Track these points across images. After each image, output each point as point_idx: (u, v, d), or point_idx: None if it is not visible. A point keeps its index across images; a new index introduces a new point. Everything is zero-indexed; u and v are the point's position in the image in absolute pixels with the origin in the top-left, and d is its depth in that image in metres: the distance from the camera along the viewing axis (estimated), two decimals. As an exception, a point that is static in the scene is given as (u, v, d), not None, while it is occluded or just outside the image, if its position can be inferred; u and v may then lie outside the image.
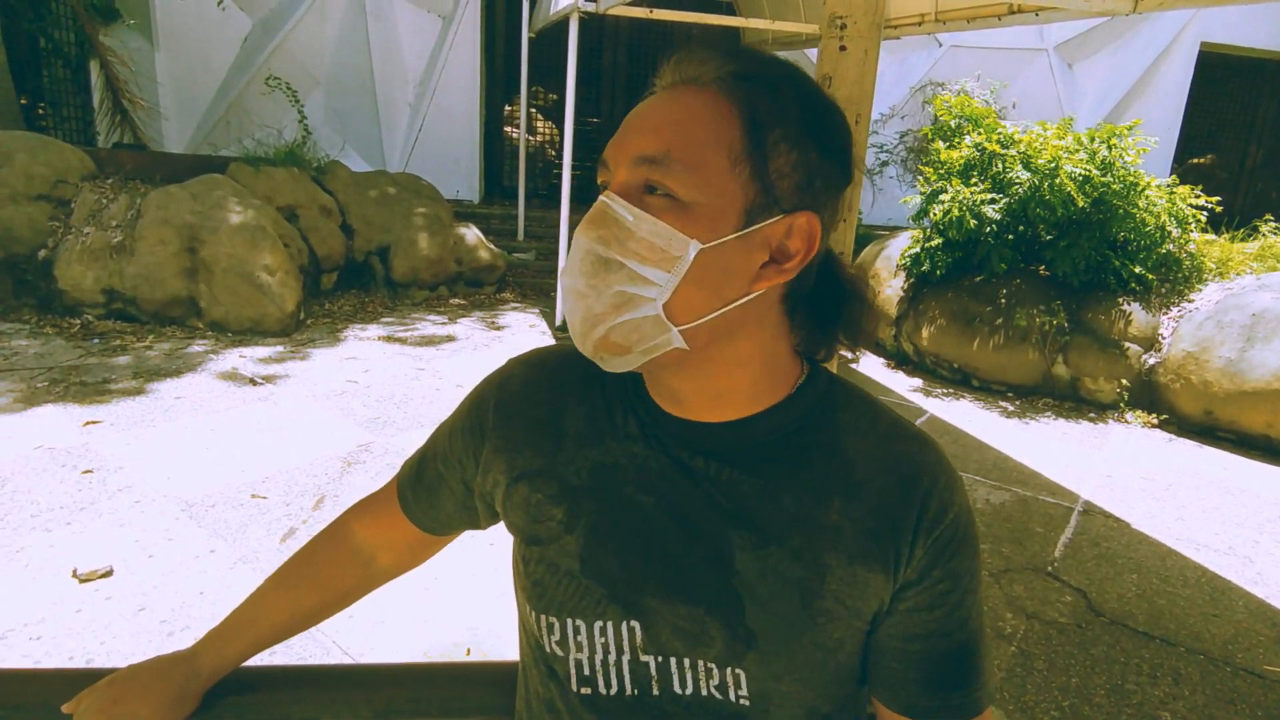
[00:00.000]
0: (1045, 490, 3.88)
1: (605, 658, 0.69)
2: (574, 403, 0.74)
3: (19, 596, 2.46)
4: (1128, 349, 5.10)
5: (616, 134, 0.65)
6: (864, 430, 0.70)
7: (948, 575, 0.67)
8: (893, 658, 0.69)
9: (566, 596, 0.69)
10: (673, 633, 0.67)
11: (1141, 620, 2.78)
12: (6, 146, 5.62)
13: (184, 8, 8.38)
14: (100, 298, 5.45)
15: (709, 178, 0.60)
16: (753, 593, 0.65)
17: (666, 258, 0.60)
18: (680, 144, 0.60)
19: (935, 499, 0.67)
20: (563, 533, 0.70)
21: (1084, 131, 5.50)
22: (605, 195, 0.62)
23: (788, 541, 0.66)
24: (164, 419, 3.95)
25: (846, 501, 0.66)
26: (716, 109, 0.61)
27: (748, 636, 0.65)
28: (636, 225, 0.60)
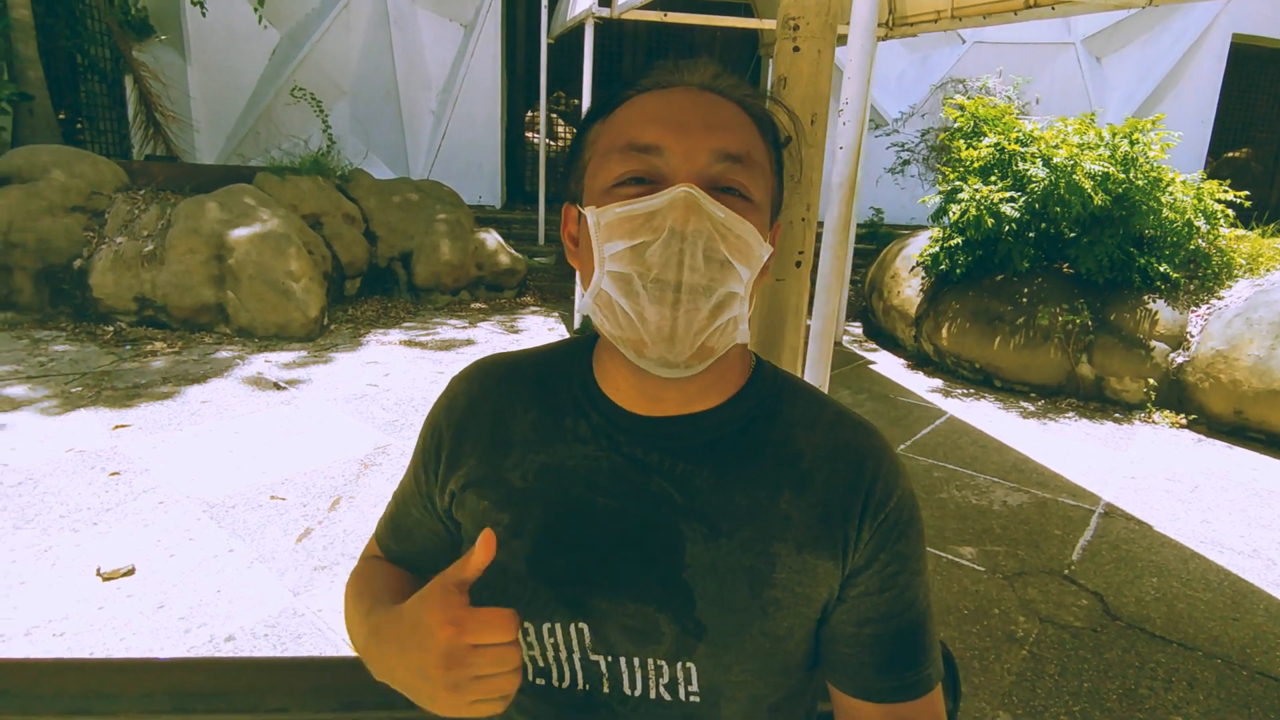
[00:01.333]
0: (1065, 492, 3.81)
1: (556, 655, 0.70)
2: (520, 410, 0.74)
3: (45, 594, 2.55)
4: (1154, 348, 4.99)
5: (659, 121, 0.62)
6: (811, 421, 0.72)
7: (895, 558, 0.69)
8: (846, 643, 0.70)
9: (513, 599, 0.70)
10: (621, 632, 0.67)
11: (1159, 624, 2.72)
12: (44, 160, 5.82)
13: (215, 23, 8.60)
14: (132, 305, 5.61)
15: (765, 183, 0.65)
16: (702, 585, 0.66)
17: (752, 256, 0.62)
18: (753, 147, 0.64)
19: (880, 483, 0.69)
20: (510, 537, 0.70)
21: (1105, 127, 5.39)
22: (690, 188, 0.59)
23: (739, 533, 0.67)
24: (190, 422, 4.06)
25: (796, 493, 0.68)
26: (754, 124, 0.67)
27: (697, 629, 0.66)
28: (730, 223, 0.60)
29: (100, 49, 8.55)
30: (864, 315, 7.22)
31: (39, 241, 5.55)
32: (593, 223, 0.62)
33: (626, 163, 0.62)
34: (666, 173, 0.61)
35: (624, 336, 0.62)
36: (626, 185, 0.62)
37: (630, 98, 0.67)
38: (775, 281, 0.93)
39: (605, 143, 0.65)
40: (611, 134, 0.65)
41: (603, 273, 0.62)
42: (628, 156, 0.62)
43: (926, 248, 6.04)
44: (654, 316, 0.60)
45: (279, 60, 9.34)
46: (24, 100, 6.90)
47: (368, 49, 9.57)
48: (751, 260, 0.62)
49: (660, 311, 0.59)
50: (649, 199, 0.60)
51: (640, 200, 0.60)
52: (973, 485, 3.83)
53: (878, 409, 4.96)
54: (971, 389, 5.49)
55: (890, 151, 9.50)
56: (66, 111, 8.62)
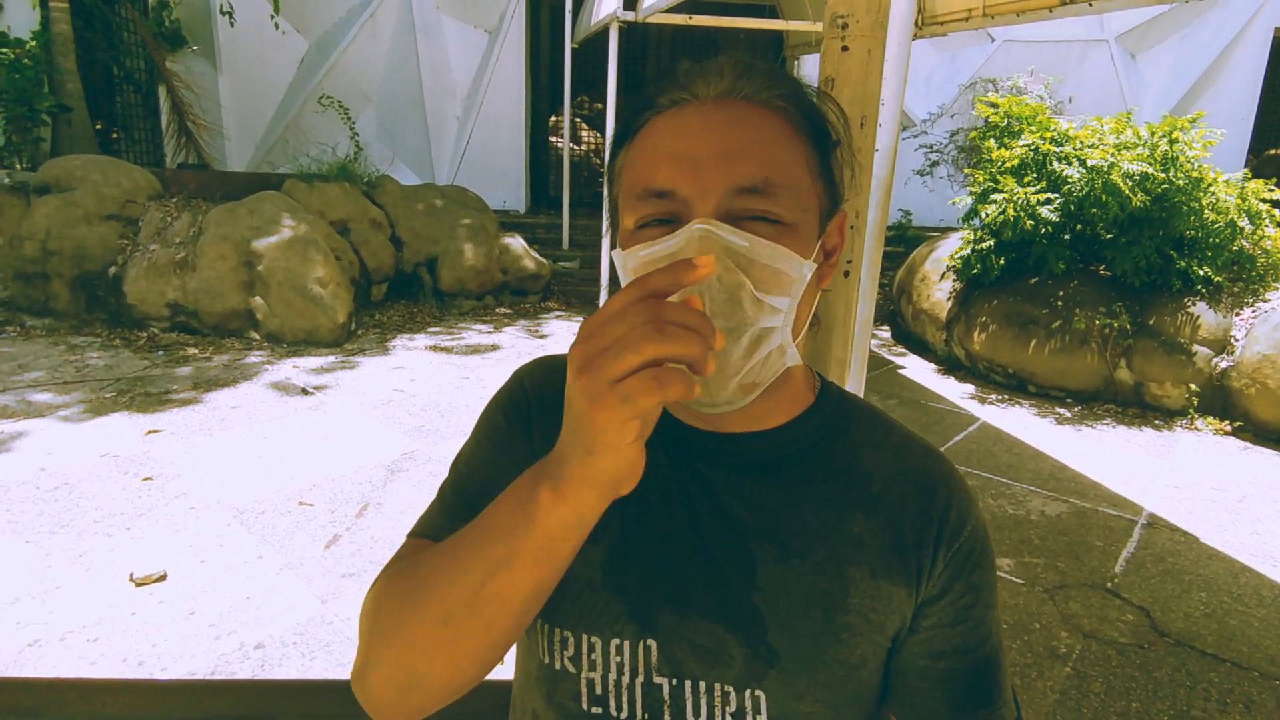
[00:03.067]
0: (1106, 502, 3.70)
1: (619, 679, 0.66)
2: None
3: (80, 599, 2.58)
4: (1196, 352, 4.84)
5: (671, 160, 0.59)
6: (878, 443, 0.70)
7: (970, 589, 0.66)
8: (918, 677, 0.67)
9: (585, 610, 0.66)
10: (690, 651, 0.65)
11: (1210, 641, 2.61)
12: (81, 170, 5.94)
13: (244, 33, 8.74)
14: (165, 311, 5.70)
15: (801, 196, 0.61)
16: (775, 608, 0.64)
17: (788, 282, 0.59)
18: (775, 168, 0.60)
19: (954, 512, 0.67)
20: (589, 544, 0.64)
21: (1144, 125, 5.25)
22: (705, 224, 0.56)
23: (811, 555, 0.65)
24: (220, 428, 4.09)
25: (868, 515, 0.66)
26: (785, 127, 0.62)
27: (769, 654, 0.64)
28: (754, 252, 0.57)
29: (135, 60, 8.73)
30: (892, 319, 7.11)
31: (75, 249, 5.65)
32: (619, 265, 0.62)
33: (645, 207, 0.61)
34: (683, 213, 0.59)
35: None
36: (650, 226, 0.61)
37: (649, 120, 0.63)
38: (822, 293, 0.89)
39: (628, 181, 0.63)
40: (631, 172, 0.63)
41: None
42: (645, 202, 0.61)
43: (958, 250, 5.93)
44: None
45: (307, 69, 9.46)
46: (63, 111, 7.05)
47: (393, 56, 9.66)
48: (787, 286, 0.59)
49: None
50: (667, 241, 0.58)
51: (658, 242, 0.58)
52: (1009, 494, 3.73)
53: (908, 415, 4.87)
54: (1005, 394, 5.37)
55: (918, 153, 9.37)
56: (103, 122, 8.81)
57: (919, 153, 9.38)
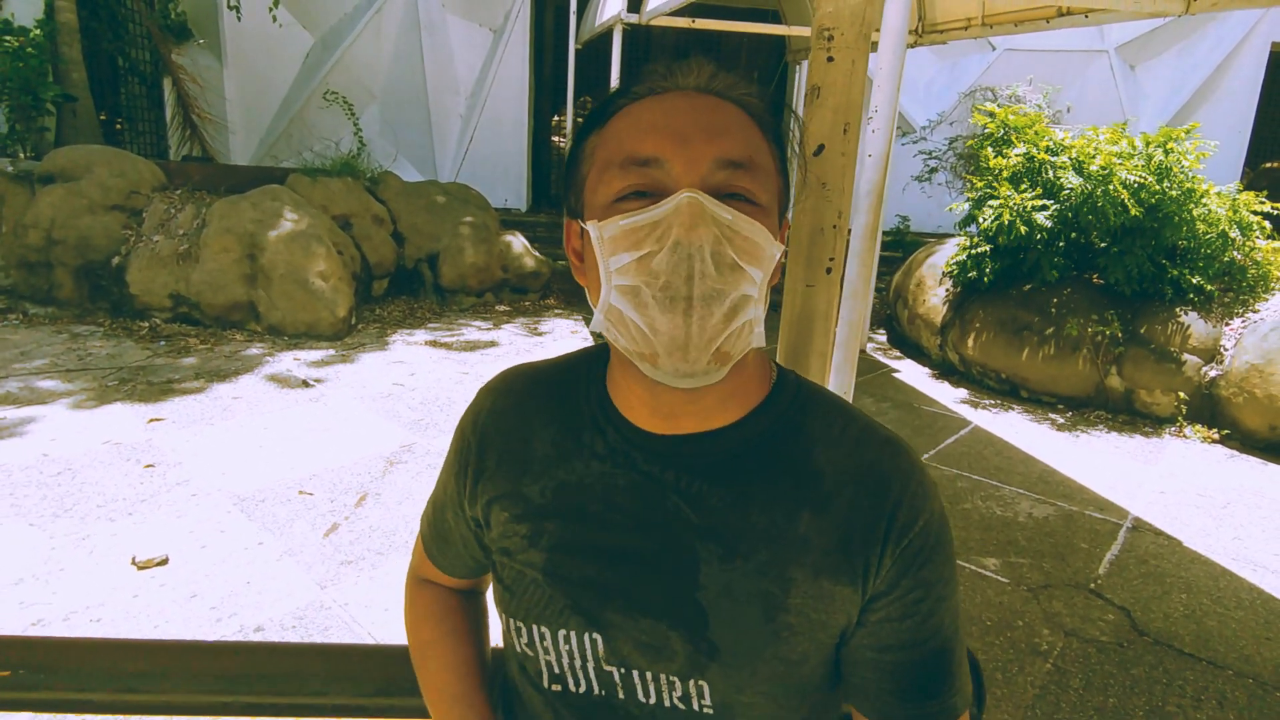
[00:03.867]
0: (1093, 505, 3.76)
1: (571, 662, 0.70)
2: (540, 426, 0.74)
3: (83, 581, 2.63)
4: (1186, 361, 4.91)
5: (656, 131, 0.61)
6: (834, 439, 0.69)
7: (919, 584, 0.66)
8: (867, 668, 0.68)
9: (533, 603, 0.71)
10: (635, 647, 0.68)
11: (1188, 641, 2.67)
12: (86, 160, 5.99)
13: (250, 27, 8.79)
14: (167, 302, 5.74)
15: (770, 184, 0.64)
16: (716, 606, 0.65)
17: (763, 257, 0.61)
18: (754, 151, 0.63)
19: (905, 507, 0.66)
20: (527, 546, 0.71)
21: (1139, 136, 5.32)
22: (693, 192, 0.58)
23: (755, 555, 0.65)
24: (221, 418, 4.14)
25: (815, 515, 0.66)
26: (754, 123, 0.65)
27: (710, 650, 0.66)
28: (737, 225, 0.59)
29: (140, 52, 8.77)
30: (888, 323, 7.18)
31: (79, 239, 5.70)
32: (596, 237, 0.61)
33: (627, 177, 0.60)
34: (668, 184, 0.59)
35: (637, 350, 0.61)
36: (628, 199, 0.60)
37: (624, 107, 0.65)
38: (806, 288, 0.94)
39: (603, 156, 0.63)
40: (609, 147, 0.63)
41: (610, 287, 0.61)
42: (628, 171, 0.60)
43: (954, 255, 6.00)
44: (666, 327, 0.58)
45: (312, 64, 9.52)
46: (68, 101, 7.09)
47: (398, 54, 9.72)
48: (763, 261, 0.61)
49: (672, 320, 0.58)
50: (652, 209, 0.58)
51: (643, 211, 0.59)
52: (997, 496, 3.79)
53: (902, 418, 4.93)
54: (997, 399, 5.44)
55: (917, 159, 9.44)
56: (107, 112, 8.85)
57: (918, 159, 9.45)
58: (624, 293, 0.60)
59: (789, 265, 0.96)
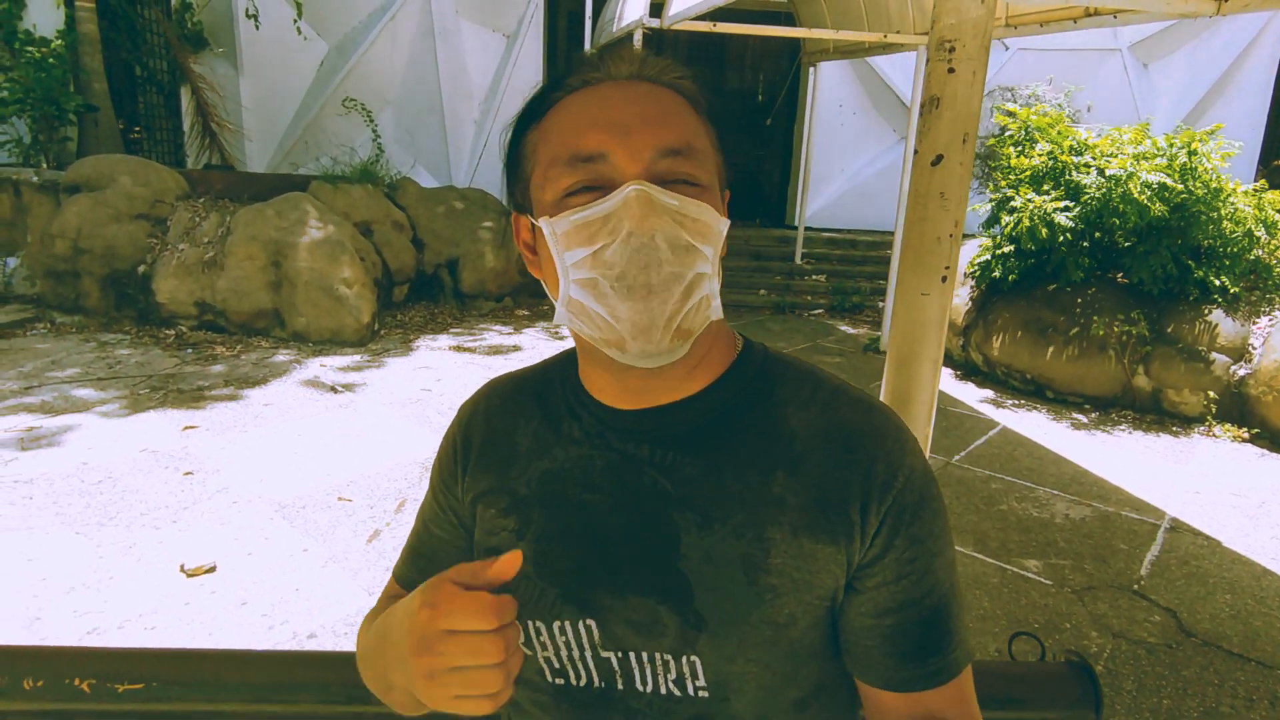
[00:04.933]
0: (1128, 506, 3.76)
1: (570, 654, 0.71)
2: (523, 422, 0.77)
3: (133, 589, 2.65)
4: (1214, 360, 4.89)
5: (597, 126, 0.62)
6: (805, 400, 0.69)
7: (911, 542, 0.65)
8: (866, 635, 0.67)
9: (525, 600, 0.70)
10: (627, 627, 0.68)
11: (1236, 642, 2.67)
12: (111, 170, 6.03)
13: (267, 35, 8.84)
14: (193, 310, 5.78)
15: (709, 164, 0.65)
16: (699, 575, 0.66)
17: (713, 233, 0.63)
18: (691, 135, 0.64)
19: (881, 464, 0.65)
20: (515, 541, 0.72)
21: (1162, 137, 5.31)
22: (640, 184, 0.59)
23: (731, 519, 0.66)
24: (254, 424, 4.17)
25: (790, 475, 0.66)
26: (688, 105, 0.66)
27: (698, 621, 0.66)
28: (684, 208, 0.61)
29: (158, 61, 8.83)
30: (908, 324, 7.17)
31: (106, 248, 5.74)
32: (549, 234, 0.62)
33: (574, 173, 0.62)
34: (614, 177, 0.61)
35: (602, 338, 0.63)
36: (577, 194, 0.62)
37: (559, 100, 0.66)
38: (920, 296, 0.95)
39: (546, 153, 0.64)
40: (551, 144, 0.64)
41: (569, 281, 0.62)
42: (574, 167, 0.62)
43: (976, 256, 5.99)
44: (627, 313, 0.60)
45: (327, 71, 9.56)
46: (89, 111, 7.15)
47: (413, 60, 9.75)
48: (712, 237, 0.62)
49: (633, 306, 0.60)
50: (601, 203, 0.60)
51: (592, 206, 0.60)
52: (1032, 497, 3.79)
53: (928, 419, 4.93)
54: (1023, 400, 5.43)
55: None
56: (125, 121, 8.90)
57: (933, 160, 9.44)
58: (583, 285, 0.61)
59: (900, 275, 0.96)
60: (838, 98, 10.01)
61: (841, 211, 10.29)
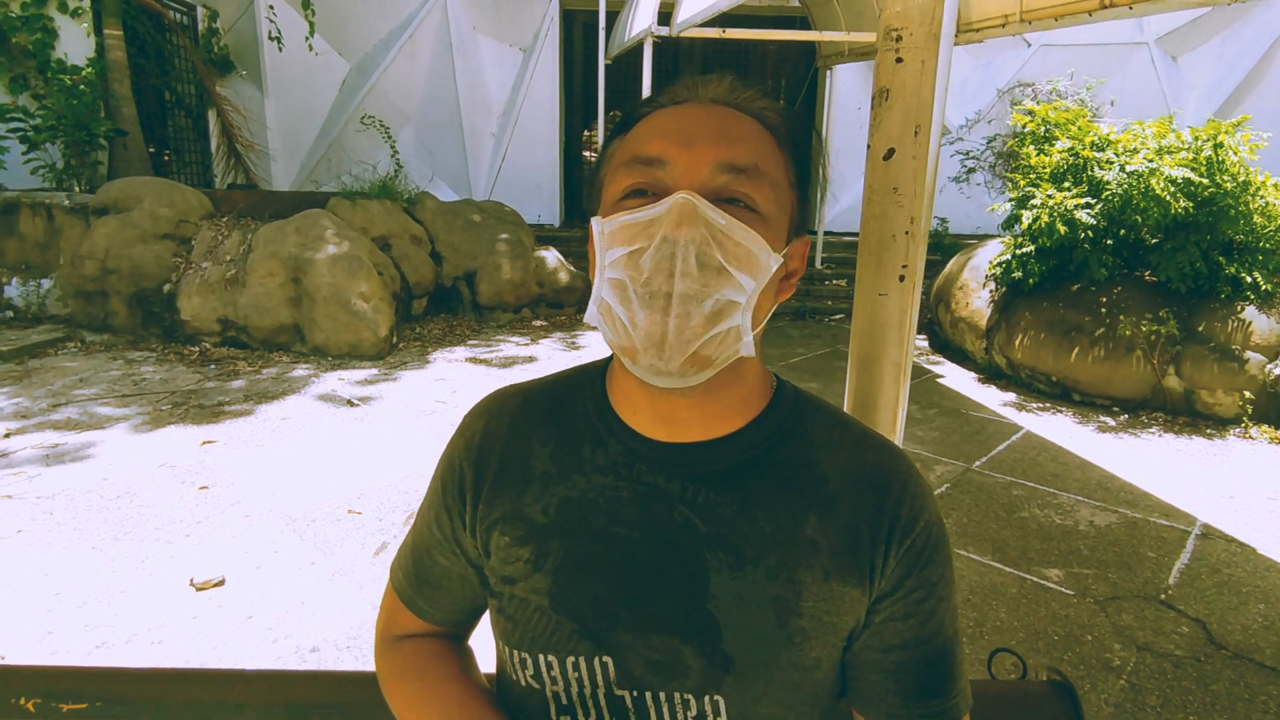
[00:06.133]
0: (1157, 512, 3.62)
1: (580, 690, 0.68)
2: (538, 444, 0.73)
3: (143, 603, 2.68)
4: (1249, 359, 4.71)
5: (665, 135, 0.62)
6: (834, 443, 0.70)
7: (921, 584, 0.67)
8: (870, 670, 0.68)
9: (538, 632, 0.69)
10: (646, 666, 0.66)
11: (1270, 654, 2.54)
12: (137, 191, 6.19)
13: (290, 57, 9.04)
14: (216, 327, 5.89)
15: (779, 197, 0.63)
16: (729, 616, 0.65)
17: (757, 265, 0.60)
18: (764, 160, 0.63)
19: (906, 507, 0.67)
20: (531, 571, 0.69)
21: (1187, 129, 5.15)
22: (689, 194, 0.58)
23: (764, 561, 0.65)
24: (271, 439, 4.22)
25: (822, 517, 0.66)
26: (772, 137, 0.65)
27: (724, 661, 0.65)
28: (730, 229, 0.59)
29: (186, 86, 9.07)
30: (929, 327, 7.05)
31: (133, 267, 5.88)
32: (597, 232, 0.63)
33: (632, 175, 0.62)
34: (669, 184, 0.61)
35: (620, 344, 0.62)
36: (632, 197, 0.62)
37: (646, 115, 0.66)
38: (878, 296, 0.91)
39: (619, 158, 0.66)
40: (625, 149, 0.65)
41: (602, 280, 0.62)
42: (633, 170, 0.62)
43: (998, 256, 5.87)
44: (644, 322, 0.59)
45: (348, 90, 9.74)
46: (119, 135, 7.35)
47: (431, 76, 9.90)
48: (755, 269, 0.60)
49: (650, 317, 0.58)
50: (650, 208, 0.60)
51: (642, 209, 0.60)
52: (1055, 504, 3.67)
53: (949, 424, 4.82)
54: (1048, 403, 5.28)
55: (954, 160, 9.29)
56: (155, 145, 9.16)
57: (954, 159, 9.31)
58: (613, 286, 0.61)
59: (858, 274, 0.93)
60: (855, 100, 9.92)
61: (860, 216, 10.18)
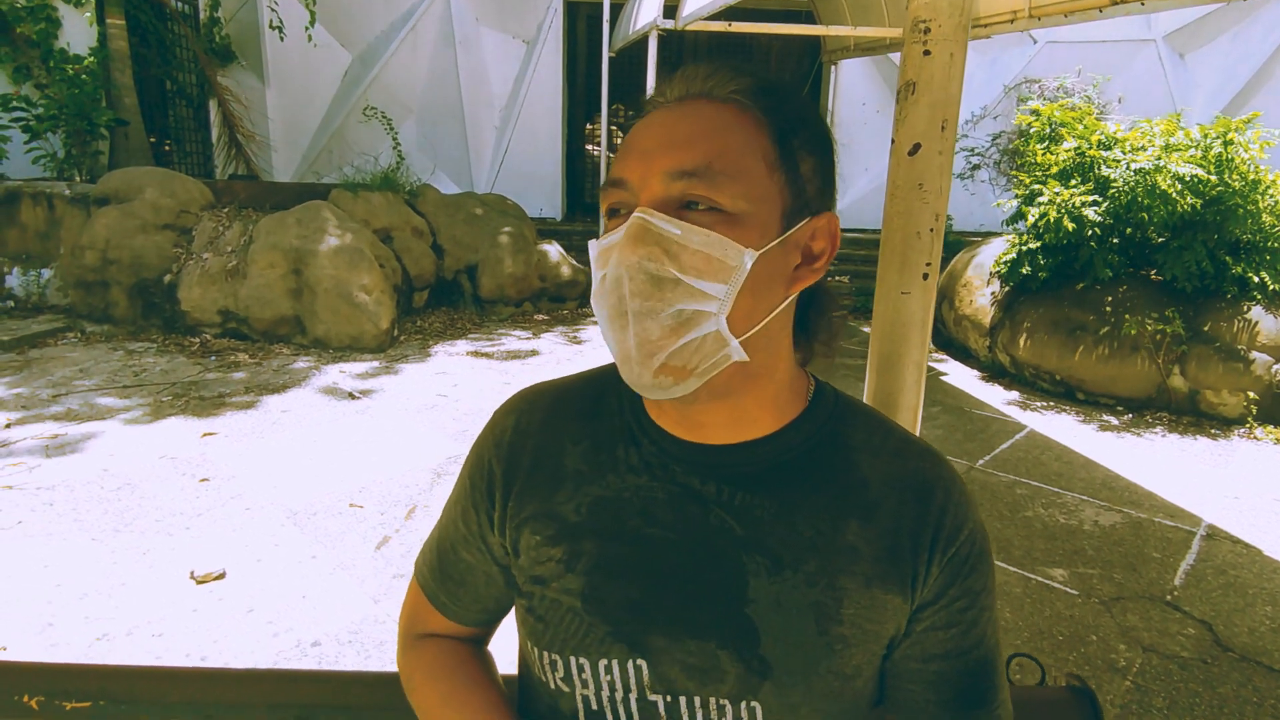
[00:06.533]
0: (1162, 512, 3.60)
1: (612, 694, 0.67)
2: (570, 441, 0.72)
3: (144, 595, 2.66)
4: (1254, 359, 4.69)
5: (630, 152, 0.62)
6: (875, 448, 0.68)
7: (964, 593, 0.66)
8: (911, 679, 0.67)
9: (570, 634, 0.67)
10: (682, 671, 0.65)
11: (1278, 657, 2.53)
12: (139, 181, 6.16)
13: (291, 47, 8.98)
14: (217, 318, 5.87)
15: (751, 186, 0.60)
16: (767, 621, 0.64)
17: (724, 269, 0.59)
18: (719, 155, 0.59)
19: (950, 515, 0.66)
20: (563, 572, 0.68)
21: (1195, 127, 5.12)
22: (641, 211, 0.59)
23: (803, 566, 0.64)
24: (271, 431, 4.20)
25: (863, 523, 0.65)
26: (743, 119, 0.61)
27: (762, 667, 0.63)
28: (686, 238, 0.58)
29: (187, 75, 9.03)
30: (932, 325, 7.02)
31: (133, 258, 5.86)
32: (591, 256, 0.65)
33: (607, 198, 0.63)
34: (631, 202, 0.61)
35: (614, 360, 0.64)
36: (612, 218, 0.63)
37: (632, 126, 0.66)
38: (900, 295, 0.89)
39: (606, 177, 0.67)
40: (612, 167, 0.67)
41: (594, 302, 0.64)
42: (608, 193, 0.63)
43: (1003, 254, 5.84)
44: (614, 342, 0.61)
45: (350, 81, 9.69)
46: (120, 125, 7.32)
47: (434, 68, 9.84)
48: (719, 272, 0.58)
49: (617, 336, 0.60)
50: (614, 232, 0.61)
51: (610, 233, 0.61)
52: (1060, 503, 3.65)
53: (952, 422, 4.80)
54: (1051, 401, 5.26)
55: (959, 156, 9.25)
56: (156, 135, 9.12)
57: (960, 155, 9.27)
58: (596, 307, 0.63)
59: (880, 272, 0.90)
60: (860, 96, 9.88)
61: (865, 211, 10.15)
